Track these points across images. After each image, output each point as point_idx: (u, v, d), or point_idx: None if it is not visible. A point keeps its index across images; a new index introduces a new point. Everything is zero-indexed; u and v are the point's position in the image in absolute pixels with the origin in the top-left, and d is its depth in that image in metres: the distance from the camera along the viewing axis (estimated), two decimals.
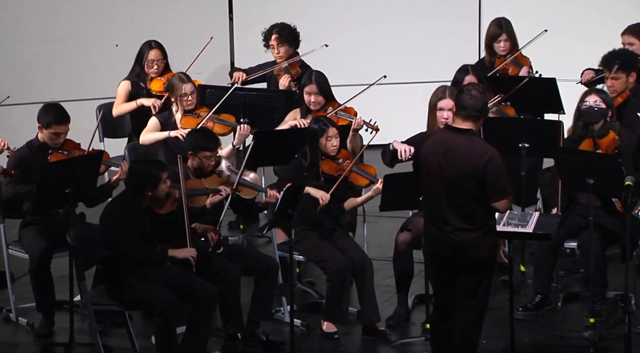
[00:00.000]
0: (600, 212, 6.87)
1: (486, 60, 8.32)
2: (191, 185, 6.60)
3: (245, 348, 6.67)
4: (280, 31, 8.19)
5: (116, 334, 6.80)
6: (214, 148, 6.76)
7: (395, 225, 7.26)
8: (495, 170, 5.84)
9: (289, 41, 8.20)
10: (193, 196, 6.57)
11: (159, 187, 6.36)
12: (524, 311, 7.01)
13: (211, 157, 6.73)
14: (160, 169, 6.42)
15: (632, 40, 8.01)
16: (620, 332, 6.63)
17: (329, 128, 6.95)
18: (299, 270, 7.50)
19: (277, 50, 8.21)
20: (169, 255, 6.41)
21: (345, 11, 10.13)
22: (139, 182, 6.38)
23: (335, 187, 6.87)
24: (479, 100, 5.92)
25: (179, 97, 7.59)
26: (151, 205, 6.42)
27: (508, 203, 5.92)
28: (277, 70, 8.20)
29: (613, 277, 7.09)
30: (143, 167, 6.47)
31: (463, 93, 5.96)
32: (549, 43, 8.52)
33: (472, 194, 5.87)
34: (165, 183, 6.38)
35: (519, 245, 7.43)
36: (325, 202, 6.80)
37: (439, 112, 6.97)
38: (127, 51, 8.52)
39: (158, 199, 6.40)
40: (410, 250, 7.02)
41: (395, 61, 10.06)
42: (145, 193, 6.36)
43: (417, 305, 7.16)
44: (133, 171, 6.49)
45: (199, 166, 6.76)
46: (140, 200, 6.39)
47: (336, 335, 6.85)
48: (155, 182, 6.34)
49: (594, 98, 6.93)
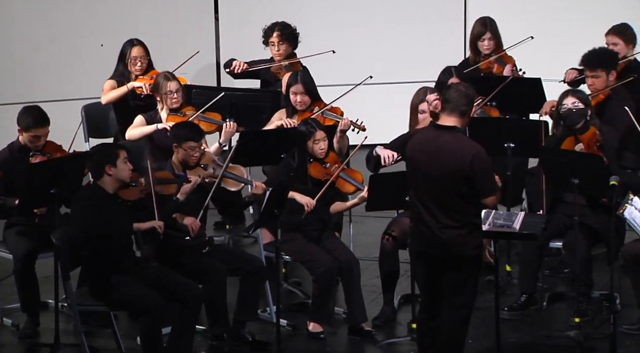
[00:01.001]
0: (586, 212, 6.89)
1: (470, 60, 8.34)
2: (160, 175, 6.62)
3: (232, 349, 6.67)
4: (282, 29, 8.19)
5: (102, 335, 6.78)
6: (198, 139, 6.76)
7: (381, 225, 7.27)
8: (482, 166, 5.86)
9: (290, 40, 8.21)
10: (161, 184, 6.57)
11: (119, 164, 6.36)
12: (509, 311, 7.02)
13: (196, 148, 6.73)
14: (117, 147, 6.52)
15: (616, 40, 8.04)
16: (605, 332, 6.65)
17: (316, 131, 6.95)
18: (285, 271, 7.49)
19: (278, 48, 8.20)
20: (134, 227, 6.38)
21: (331, 11, 10.13)
22: (98, 160, 6.39)
23: (323, 191, 6.86)
24: (463, 94, 5.93)
25: (164, 95, 7.58)
26: (117, 191, 6.41)
27: (496, 200, 5.94)
28: (276, 68, 8.19)
29: (598, 276, 7.11)
30: (100, 146, 6.57)
31: (449, 88, 6.00)
32: (534, 43, 8.54)
33: (458, 192, 5.88)
34: (124, 162, 6.39)
35: (504, 245, 7.45)
36: (310, 208, 6.80)
37: (421, 114, 6.97)
38: (113, 51, 8.50)
39: (122, 182, 6.38)
40: (396, 250, 7.03)
41: (382, 61, 10.06)
42: (106, 172, 6.35)
43: (403, 305, 7.17)
44: (91, 154, 6.54)
45: (184, 158, 6.75)
46: (104, 183, 6.36)
47: (322, 335, 6.85)
48: (113, 157, 6.36)
49: (572, 100, 6.96)
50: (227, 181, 6.81)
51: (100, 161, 6.39)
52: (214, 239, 7.13)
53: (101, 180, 6.39)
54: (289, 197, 6.59)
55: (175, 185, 6.62)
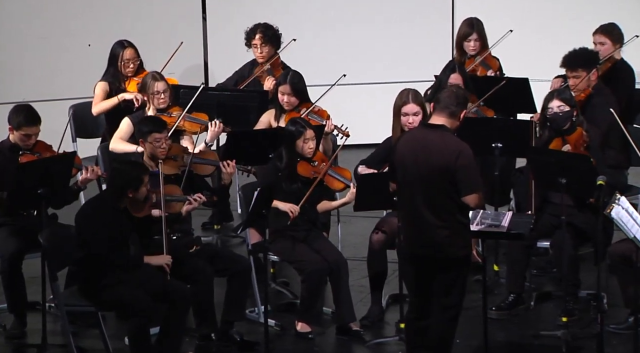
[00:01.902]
0: (573, 212, 6.91)
1: (456, 60, 8.36)
2: (168, 191, 6.61)
3: (220, 349, 6.66)
4: (264, 31, 8.19)
5: (89, 335, 6.77)
6: (161, 130, 6.75)
7: (369, 225, 7.27)
8: (466, 164, 5.87)
9: (272, 42, 8.21)
10: (170, 202, 6.58)
11: (141, 189, 6.37)
12: (497, 310, 7.03)
13: (161, 139, 6.72)
14: (143, 171, 6.46)
15: (603, 39, 8.07)
16: (592, 331, 6.66)
17: (306, 130, 6.95)
18: (273, 271, 7.49)
19: (260, 50, 8.20)
20: (144, 262, 6.40)
21: (318, 11, 10.13)
22: (122, 183, 6.38)
23: (310, 191, 6.86)
24: (454, 95, 5.95)
25: (152, 95, 7.57)
26: (129, 207, 6.41)
27: (478, 199, 5.93)
28: (259, 72, 8.19)
29: (585, 276, 7.13)
30: (127, 168, 6.49)
31: (444, 89, 6.01)
32: (521, 43, 8.57)
33: (445, 190, 5.89)
34: (146, 186, 6.41)
35: (492, 244, 7.46)
36: (295, 215, 6.79)
37: (404, 117, 6.97)
38: (100, 51, 8.49)
39: (137, 201, 6.39)
40: (384, 250, 7.03)
41: (368, 61, 10.06)
42: (126, 195, 6.35)
43: (391, 305, 7.17)
44: (117, 171, 6.49)
45: (152, 152, 6.75)
46: (120, 201, 6.37)
47: (310, 335, 6.85)
48: (138, 183, 6.36)
49: (557, 103, 6.98)
50: (198, 167, 6.85)
51: (124, 185, 6.35)
52: (202, 239, 7.12)
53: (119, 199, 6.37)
54: (271, 207, 6.57)
55: (182, 204, 6.64)
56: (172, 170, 6.76)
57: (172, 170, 6.77)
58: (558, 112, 6.96)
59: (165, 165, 6.74)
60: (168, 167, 6.75)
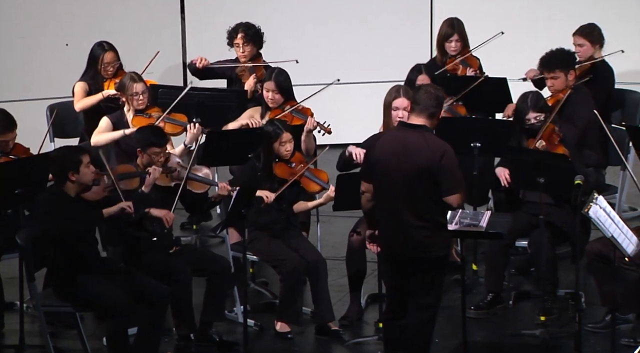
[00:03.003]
0: (551, 211, 6.94)
1: (438, 60, 8.38)
2: (121, 170, 6.57)
3: (198, 349, 6.65)
4: (246, 30, 8.18)
5: (67, 336, 6.74)
6: (162, 144, 6.75)
7: (348, 224, 7.27)
8: (449, 164, 5.88)
9: (254, 41, 8.19)
10: (124, 179, 6.52)
11: (82, 170, 6.30)
12: (476, 310, 7.05)
13: (160, 153, 6.71)
14: (80, 152, 6.39)
15: (582, 41, 8.12)
16: (570, 330, 6.69)
17: (283, 133, 6.94)
18: (252, 271, 7.48)
19: (242, 49, 8.18)
20: (104, 213, 6.32)
21: (298, 11, 10.13)
22: (61, 167, 6.32)
23: (284, 188, 6.85)
24: (432, 97, 5.96)
25: (130, 96, 7.55)
26: (81, 193, 6.36)
27: (460, 199, 5.95)
28: (240, 69, 8.17)
29: (563, 275, 7.16)
30: (62, 151, 6.43)
31: (419, 89, 6.03)
32: (500, 43, 8.59)
33: (427, 191, 5.90)
34: (87, 166, 6.33)
35: (471, 244, 7.48)
36: (270, 200, 6.78)
37: (394, 111, 6.98)
38: (78, 51, 8.45)
39: (84, 185, 6.34)
40: (363, 250, 7.03)
41: (348, 61, 10.07)
42: (69, 179, 6.30)
43: (370, 305, 7.18)
44: (53, 158, 6.43)
45: (148, 163, 6.73)
46: (67, 188, 6.31)
47: (289, 335, 6.85)
48: (77, 164, 6.28)
49: (533, 115, 7.05)
50: (192, 183, 6.80)
51: (62, 168, 6.31)
52: (181, 239, 7.10)
53: (64, 186, 6.34)
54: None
55: (139, 178, 6.59)
56: (164, 182, 6.72)
57: (165, 182, 6.73)
58: (535, 123, 7.03)
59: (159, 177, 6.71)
60: (161, 178, 6.71)
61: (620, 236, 6.13)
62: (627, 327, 6.69)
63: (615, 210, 6.32)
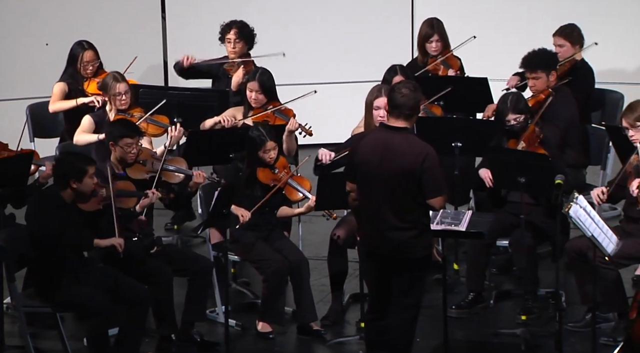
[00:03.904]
0: (532, 210, 6.96)
1: (419, 61, 8.39)
2: (120, 186, 6.57)
3: (180, 349, 6.64)
4: (240, 28, 8.16)
5: (48, 336, 6.72)
6: (134, 135, 6.72)
7: (330, 224, 7.27)
8: (432, 167, 5.89)
9: (246, 39, 8.18)
10: (121, 197, 6.53)
11: (84, 180, 6.31)
12: (457, 309, 7.06)
13: (132, 144, 6.69)
14: (87, 162, 6.40)
15: (562, 42, 8.14)
16: (551, 329, 6.71)
17: (267, 141, 6.92)
18: (234, 271, 7.47)
19: (234, 46, 8.15)
20: (94, 244, 6.33)
21: (279, 11, 10.12)
22: (65, 172, 6.33)
23: (264, 201, 6.85)
24: (410, 98, 5.95)
25: (113, 96, 7.53)
26: (77, 200, 6.35)
27: (443, 201, 5.96)
28: (229, 64, 8.15)
29: (544, 274, 7.18)
30: (70, 158, 6.46)
31: (394, 92, 5.98)
32: (481, 43, 8.62)
33: (410, 192, 5.90)
34: (91, 178, 6.34)
35: (452, 243, 7.50)
36: (245, 219, 6.77)
37: (376, 110, 6.99)
38: (58, 50, 8.42)
39: (83, 194, 6.33)
40: (344, 249, 7.04)
41: (329, 61, 10.07)
42: (70, 185, 6.29)
43: (352, 304, 7.18)
44: (60, 162, 6.44)
45: (122, 156, 6.71)
46: (65, 193, 6.31)
47: (271, 335, 6.84)
48: (81, 174, 6.29)
49: (512, 116, 7.08)
50: (167, 174, 6.80)
51: (66, 174, 6.30)
52: (162, 239, 7.09)
53: (62, 190, 6.32)
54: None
55: (135, 199, 6.58)
56: (139, 175, 6.71)
57: (139, 175, 6.71)
58: (515, 124, 7.05)
59: (132, 169, 6.70)
60: (135, 171, 6.70)
61: (601, 235, 6.16)
62: (608, 325, 6.72)
63: (595, 209, 6.34)
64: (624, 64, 9.73)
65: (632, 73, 9.76)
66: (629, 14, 9.73)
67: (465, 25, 8.68)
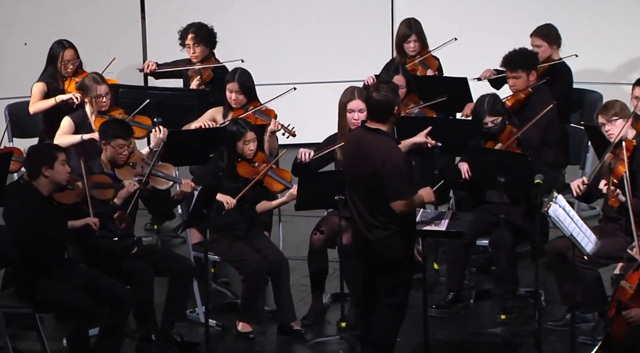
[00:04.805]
0: (511, 210, 6.98)
1: (397, 61, 8.40)
2: (98, 179, 6.55)
3: (160, 350, 6.62)
4: (197, 31, 8.15)
5: (27, 337, 6.68)
6: (127, 136, 6.70)
7: (310, 224, 7.28)
8: (391, 170, 5.87)
9: (206, 41, 8.16)
10: (98, 188, 6.49)
11: (56, 166, 6.27)
12: (437, 309, 7.08)
13: (124, 146, 6.67)
14: (56, 149, 6.38)
15: (539, 42, 8.18)
16: (530, 328, 6.74)
17: (246, 132, 6.93)
18: (214, 271, 7.46)
19: (193, 50, 8.16)
20: (68, 225, 6.29)
21: (258, 11, 10.12)
22: (36, 160, 6.29)
23: (246, 189, 6.84)
24: (382, 100, 5.93)
25: (93, 98, 7.50)
26: (53, 193, 6.31)
27: (404, 206, 5.90)
28: (191, 71, 8.15)
29: (523, 273, 7.21)
30: (39, 146, 6.47)
31: (369, 93, 6.00)
32: (461, 42, 8.64)
33: (378, 193, 5.93)
34: (62, 164, 6.30)
35: (432, 243, 7.51)
36: (230, 206, 6.76)
37: (349, 113, 7.00)
38: (36, 50, 8.38)
39: (58, 184, 6.29)
40: (325, 249, 7.04)
41: (308, 61, 10.07)
42: (42, 173, 6.26)
43: (332, 304, 7.19)
44: (31, 150, 6.42)
45: (112, 156, 6.69)
46: (40, 184, 6.27)
47: (251, 335, 6.84)
48: (52, 160, 6.26)
49: (490, 119, 7.10)
50: (155, 180, 6.77)
51: (37, 161, 6.28)
52: (143, 240, 7.07)
53: (37, 181, 6.29)
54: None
55: (113, 190, 6.55)
56: (127, 177, 6.69)
57: (128, 177, 6.69)
58: (493, 126, 7.07)
59: (121, 171, 6.68)
60: (124, 173, 6.68)
61: (580, 235, 6.19)
62: (587, 325, 6.75)
63: (574, 209, 6.37)
64: (603, 64, 9.78)
65: (611, 73, 9.82)
66: (608, 14, 9.79)
67: (446, 25, 8.71)
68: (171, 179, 6.82)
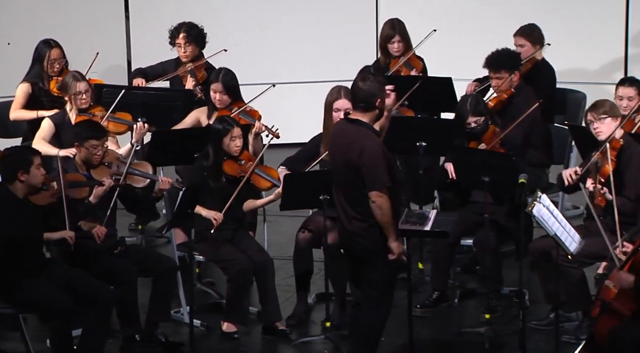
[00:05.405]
0: (495, 210, 7.00)
1: (381, 62, 8.42)
2: (72, 178, 6.53)
3: (144, 350, 6.61)
4: (188, 30, 8.14)
5: (10, 338, 6.66)
6: (100, 137, 6.69)
7: (295, 224, 7.28)
8: (368, 161, 5.93)
9: (197, 41, 8.16)
10: (74, 187, 6.48)
11: (32, 171, 6.26)
12: (422, 308, 7.09)
13: (98, 146, 6.66)
14: (32, 153, 6.37)
15: (522, 42, 8.20)
16: (515, 327, 6.76)
17: (233, 128, 6.92)
18: (198, 271, 7.45)
19: (184, 49, 8.15)
20: (45, 237, 6.29)
21: (243, 11, 10.11)
22: (11, 164, 6.28)
23: (236, 193, 6.83)
24: (364, 90, 5.99)
25: (73, 95, 7.49)
26: (28, 196, 6.30)
27: (379, 198, 5.94)
28: (182, 72, 8.14)
29: (508, 273, 7.23)
30: (15, 150, 6.43)
31: (356, 81, 6.06)
32: (445, 42, 8.66)
33: (355, 184, 5.99)
34: (38, 168, 6.29)
35: (417, 242, 7.52)
36: (219, 221, 6.75)
37: (335, 112, 7.01)
38: (20, 50, 8.35)
39: (33, 187, 6.28)
40: (310, 249, 7.04)
41: (292, 60, 10.07)
42: (18, 178, 6.25)
43: (317, 304, 7.19)
44: (6, 155, 6.40)
45: (87, 157, 6.68)
46: (15, 188, 6.26)
47: (236, 335, 6.83)
48: (27, 164, 6.25)
49: (473, 119, 7.12)
50: (132, 178, 6.76)
51: (13, 166, 6.27)
52: (126, 240, 7.05)
53: (12, 185, 6.27)
54: (195, 212, 6.51)
55: (88, 188, 6.53)
56: (103, 177, 6.67)
57: (104, 177, 6.67)
58: (476, 127, 7.10)
59: (97, 171, 6.66)
60: (100, 173, 6.66)
61: (564, 234, 6.21)
62: (571, 325, 6.77)
63: (558, 208, 6.39)
64: (587, 64, 9.82)
65: (595, 73, 9.85)
66: (589, 14, 9.82)
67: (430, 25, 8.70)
68: (148, 177, 6.81)
